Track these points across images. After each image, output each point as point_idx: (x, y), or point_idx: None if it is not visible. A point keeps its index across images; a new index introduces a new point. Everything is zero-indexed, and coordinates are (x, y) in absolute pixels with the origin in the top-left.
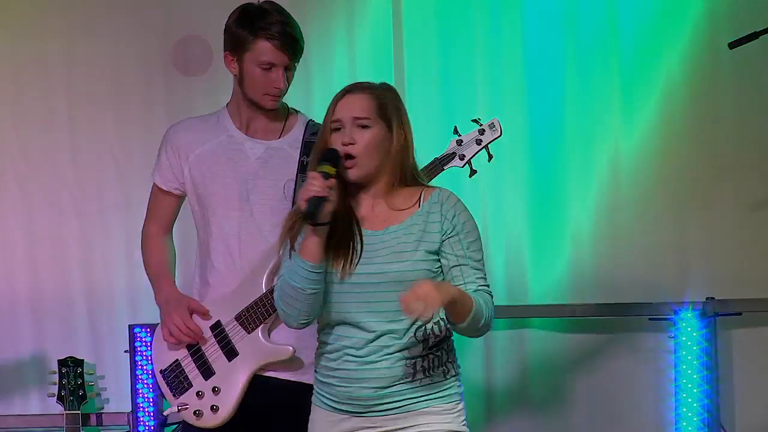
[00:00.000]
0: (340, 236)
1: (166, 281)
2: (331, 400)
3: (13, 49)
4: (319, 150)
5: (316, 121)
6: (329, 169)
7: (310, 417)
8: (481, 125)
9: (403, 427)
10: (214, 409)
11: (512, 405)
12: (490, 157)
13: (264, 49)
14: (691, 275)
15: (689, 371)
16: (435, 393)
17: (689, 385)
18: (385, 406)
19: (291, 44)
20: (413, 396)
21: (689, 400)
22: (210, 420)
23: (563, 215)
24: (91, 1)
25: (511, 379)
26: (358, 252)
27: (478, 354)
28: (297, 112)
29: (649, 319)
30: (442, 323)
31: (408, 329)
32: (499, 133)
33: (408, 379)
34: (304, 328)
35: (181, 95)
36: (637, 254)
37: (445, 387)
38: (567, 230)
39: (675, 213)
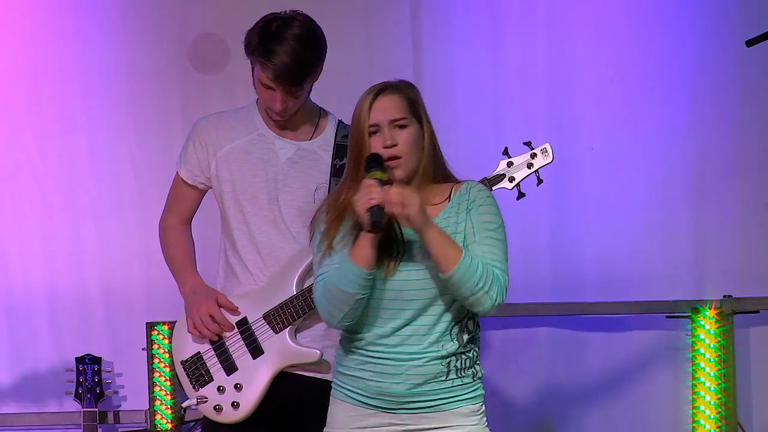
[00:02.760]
0: (384, 236)
1: (191, 273)
2: (358, 394)
3: (29, 48)
4: (355, 154)
5: (345, 122)
6: (381, 174)
7: (329, 410)
8: (533, 149)
9: (433, 428)
10: (234, 405)
11: (528, 402)
12: (540, 181)
13: (261, 72)
14: (708, 273)
15: (706, 369)
16: (465, 394)
17: (706, 383)
18: (417, 404)
19: (286, 77)
20: (445, 396)
21: (706, 397)
22: (230, 416)
23: (579, 213)
24: (107, 0)
25: (527, 377)
26: (401, 251)
27: (494, 351)
28: (327, 112)
29: (667, 317)
30: (472, 322)
31: (440, 321)
32: (551, 159)
33: (441, 378)
34: (343, 328)
35: (197, 93)
36: (655, 252)
37: (474, 388)
38: (584, 229)
39: (693, 211)
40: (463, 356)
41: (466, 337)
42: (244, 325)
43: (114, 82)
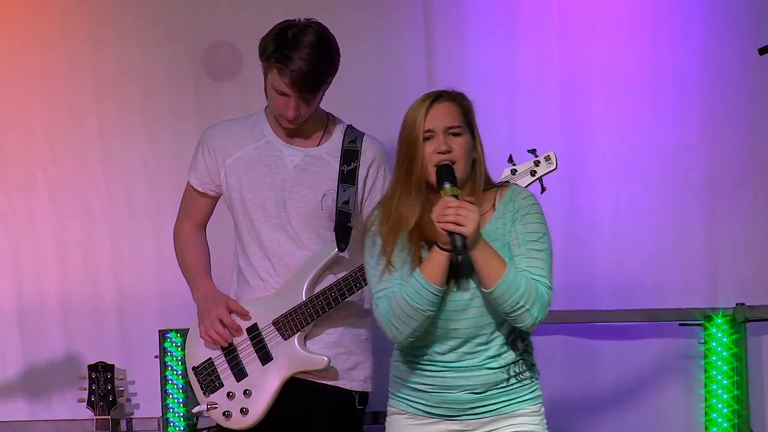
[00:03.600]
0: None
1: (203, 279)
2: (420, 403)
3: (42, 56)
4: (408, 160)
5: (355, 128)
6: (456, 190)
7: (388, 419)
8: (536, 156)
9: (496, 429)
10: (243, 411)
11: None
12: (543, 189)
13: (276, 78)
14: (721, 281)
15: (719, 377)
16: (525, 395)
17: (719, 391)
18: (480, 409)
19: (303, 83)
20: (507, 399)
21: (719, 405)
22: (239, 422)
23: (592, 220)
24: (120, 8)
25: (540, 384)
26: (458, 271)
27: None
28: (336, 118)
29: (680, 324)
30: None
31: (497, 335)
32: (554, 166)
33: (503, 385)
34: (407, 343)
35: (210, 101)
36: (667, 260)
37: (533, 389)
38: (596, 236)
39: (705, 218)
40: (521, 361)
41: (521, 345)
42: (254, 332)
43: (127, 90)
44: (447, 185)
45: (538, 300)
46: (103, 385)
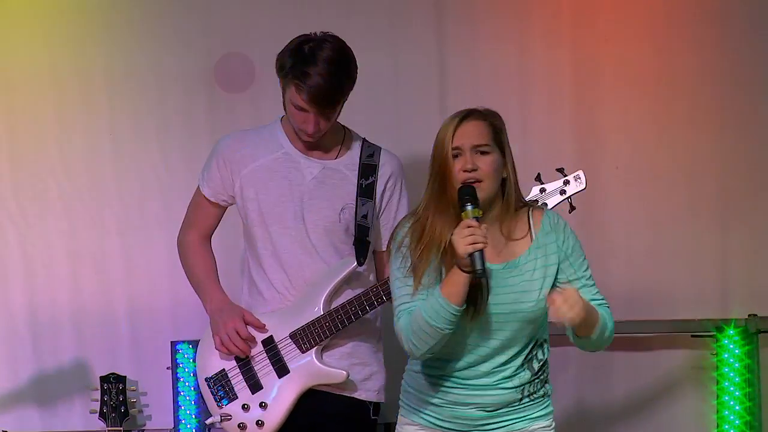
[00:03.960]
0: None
1: (215, 289)
2: (431, 416)
3: (54, 67)
4: (440, 177)
5: (369, 141)
6: (478, 212)
7: (399, 429)
8: (565, 175)
9: None
10: (259, 424)
11: (556, 421)
12: (572, 208)
13: (294, 94)
14: (733, 292)
15: (732, 388)
16: (537, 412)
17: (732, 402)
18: (490, 426)
19: (321, 99)
20: (518, 416)
21: (732, 416)
22: None
23: (604, 231)
24: (133, 17)
25: (554, 395)
26: (485, 296)
27: None
28: (352, 131)
29: (692, 336)
30: (541, 350)
31: (517, 358)
32: (584, 186)
33: (515, 404)
34: (426, 358)
35: (223, 112)
36: (679, 270)
37: (545, 405)
38: (608, 247)
39: (718, 229)
40: (536, 380)
41: (537, 365)
42: (270, 344)
43: (140, 100)
44: (469, 207)
45: (613, 323)
46: (115, 396)
